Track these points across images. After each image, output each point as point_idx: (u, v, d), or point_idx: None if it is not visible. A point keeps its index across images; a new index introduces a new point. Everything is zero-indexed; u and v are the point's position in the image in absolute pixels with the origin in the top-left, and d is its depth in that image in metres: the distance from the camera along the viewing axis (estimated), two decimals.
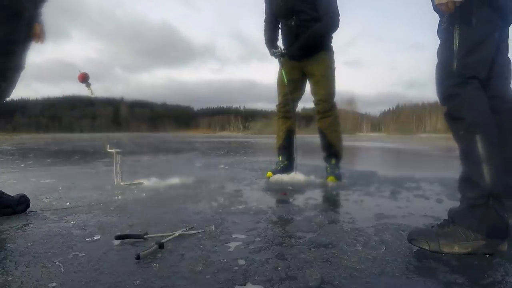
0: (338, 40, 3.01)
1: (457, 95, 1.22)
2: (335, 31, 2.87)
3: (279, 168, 3.04)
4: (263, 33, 3.11)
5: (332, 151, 2.97)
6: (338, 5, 2.80)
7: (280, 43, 3.08)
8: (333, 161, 2.96)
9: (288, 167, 3.06)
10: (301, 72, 2.98)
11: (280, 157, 3.11)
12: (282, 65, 3.04)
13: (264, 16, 3.10)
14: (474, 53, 1.19)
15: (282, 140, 3.09)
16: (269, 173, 3.01)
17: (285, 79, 3.01)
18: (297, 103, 3.12)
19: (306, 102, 3.61)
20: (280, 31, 3.07)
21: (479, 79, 1.21)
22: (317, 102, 2.94)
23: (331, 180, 2.81)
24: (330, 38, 2.94)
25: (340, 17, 2.80)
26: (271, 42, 3.05)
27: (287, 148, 3.09)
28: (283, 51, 2.96)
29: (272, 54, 3.01)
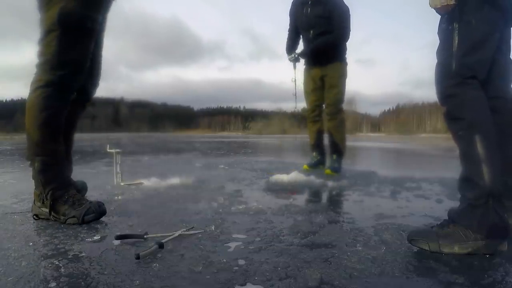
0: (353, 38, 3.49)
1: (456, 95, 1.22)
2: (345, 42, 3.41)
3: (313, 161, 3.64)
4: (274, 32, 3.75)
5: (336, 148, 3.49)
6: (350, 21, 3.36)
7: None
8: (334, 157, 3.47)
9: (320, 161, 3.65)
10: (322, 80, 3.49)
11: (314, 153, 3.69)
12: (302, 72, 3.66)
13: (288, 27, 3.66)
14: (473, 53, 1.19)
15: (314, 139, 3.67)
16: (305, 166, 3.61)
17: (295, 79, 3.68)
18: (322, 107, 3.61)
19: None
20: (301, 41, 3.63)
21: (478, 79, 1.21)
22: (326, 106, 3.51)
23: (328, 173, 3.29)
24: (344, 50, 3.46)
25: (350, 32, 3.36)
26: (289, 49, 3.62)
27: (319, 146, 3.67)
28: (297, 56, 3.54)
29: (289, 59, 3.60)
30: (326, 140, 3.68)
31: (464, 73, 1.20)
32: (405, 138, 28.82)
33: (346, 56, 3.49)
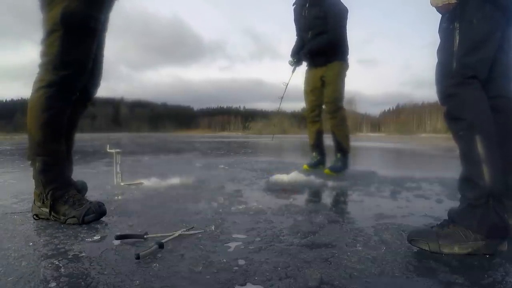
0: (355, 37, 3.44)
1: (456, 95, 1.22)
2: (339, 41, 3.38)
3: (313, 161, 3.66)
4: (275, 31, 3.77)
5: (339, 147, 3.47)
6: (346, 21, 3.38)
7: None
8: (338, 156, 3.45)
9: (320, 161, 3.66)
10: (321, 81, 3.48)
11: (314, 153, 3.70)
12: (303, 73, 3.68)
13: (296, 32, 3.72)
14: (474, 52, 1.19)
15: (314, 140, 3.68)
16: (305, 166, 3.63)
17: (287, 83, 3.65)
18: (322, 107, 3.61)
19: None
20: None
21: (479, 79, 1.21)
22: (325, 104, 3.52)
23: (326, 173, 3.31)
24: (343, 50, 3.45)
25: (347, 31, 3.40)
26: (293, 53, 3.64)
27: (318, 146, 3.68)
28: (296, 60, 3.57)
29: (289, 63, 3.63)
30: (326, 140, 3.69)
31: (464, 72, 1.19)
32: (405, 138, 28.81)
33: (348, 56, 3.50)
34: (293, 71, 3.64)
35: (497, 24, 1.21)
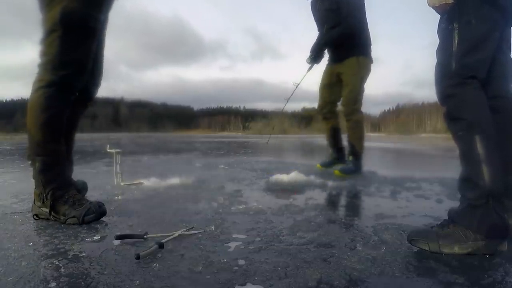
0: None
1: (456, 95, 1.22)
2: (353, 33, 3.15)
3: (327, 160, 3.58)
4: (277, 31, 3.63)
5: (352, 149, 3.30)
6: (360, 13, 3.19)
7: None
8: (350, 158, 3.31)
9: (335, 160, 3.54)
10: (338, 77, 3.31)
11: (330, 151, 3.59)
12: (321, 70, 3.51)
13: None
14: (473, 52, 1.19)
15: (328, 137, 3.57)
16: (319, 165, 3.58)
17: (297, 83, 3.53)
18: (336, 104, 3.46)
19: (307, 102, 3.82)
20: None
21: (478, 79, 1.21)
22: (341, 106, 3.38)
23: (335, 173, 3.20)
24: (361, 44, 3.22)
25: (358, 23, 3.16)
26: (311, 50, 3.41)
27: (333, 144, 3.55)
28: (313, 57, 3.37)
29: (306, 60, 3.43)
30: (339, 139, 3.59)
31: (463, 73, 1.20)
32: (405, 138, 28.80)
33: (369, 50, 3.27)
34: (309, 69, 3.42)
35: (496, 24, 1.21)
